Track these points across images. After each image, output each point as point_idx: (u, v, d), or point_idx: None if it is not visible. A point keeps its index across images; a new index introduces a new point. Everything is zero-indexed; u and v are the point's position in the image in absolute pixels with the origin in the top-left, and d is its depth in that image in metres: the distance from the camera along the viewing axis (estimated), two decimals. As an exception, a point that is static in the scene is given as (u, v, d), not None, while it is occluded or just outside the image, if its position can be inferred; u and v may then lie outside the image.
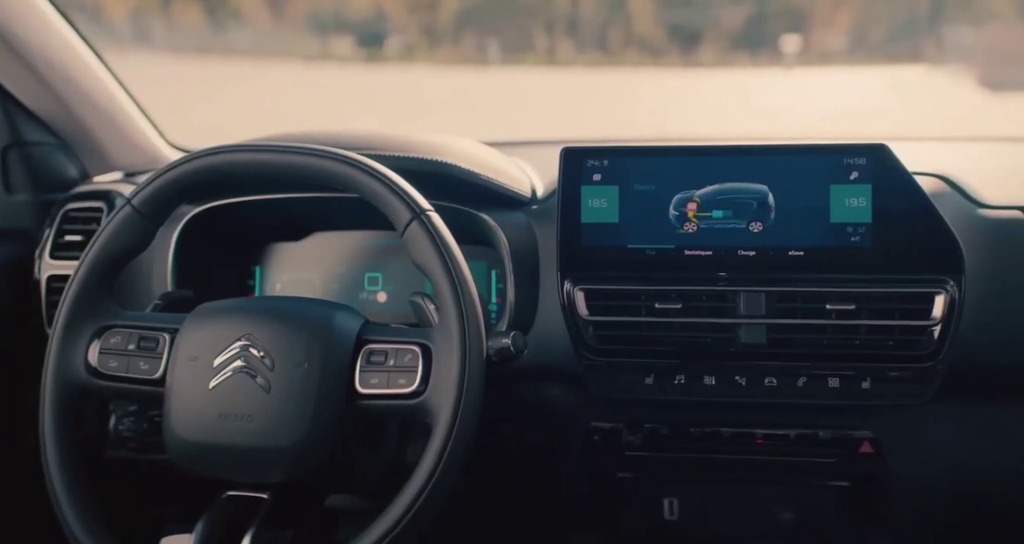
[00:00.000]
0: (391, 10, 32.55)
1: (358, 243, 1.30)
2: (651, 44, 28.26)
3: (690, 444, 1.16)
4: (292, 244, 1.32)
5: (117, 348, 0.95)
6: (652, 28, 28.80)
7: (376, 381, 0.91)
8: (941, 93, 16.94)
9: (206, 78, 17.67)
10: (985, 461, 1.16)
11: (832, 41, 27.81)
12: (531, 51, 27.77)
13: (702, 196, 1.04)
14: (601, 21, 30.44)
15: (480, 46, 28.10)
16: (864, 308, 1.01)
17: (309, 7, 32.63)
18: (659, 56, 27.02)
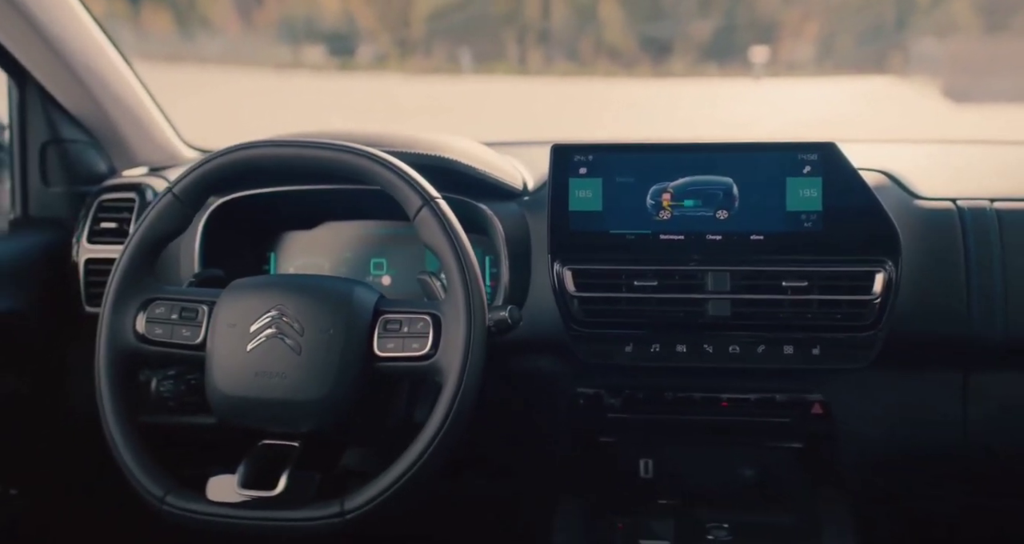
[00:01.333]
0: (363, 19, 32.48)
1: (364, 232, 1.43)
2: (622, 54, 28.40)
3: (664, 407, 1.30)
4: (304, 232, 1.44)
5: (161, 318, 1.08)
6: (623, 38, 28.94)
7: (392, 345, 1.04)
8: (906, 103, 17.22)
9: (176, 84, 17.63)
10: (917, 420, 1.29)
11: (800, 52, 28.10)
12: (503, 60, 27.81)
13: (675, 187, 1.18)
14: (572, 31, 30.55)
15: (452, 55, 28.10)
16: (815, 285, 1.15)
17: (280, 16, 32.49)
18: (630, 66, 27.15)
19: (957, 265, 1.21)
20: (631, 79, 24.50)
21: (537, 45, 30.39)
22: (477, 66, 26.31)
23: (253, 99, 15.15)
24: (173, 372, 1.19)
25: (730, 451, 1.35)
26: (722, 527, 1.24)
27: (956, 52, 21.50)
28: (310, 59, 28.69)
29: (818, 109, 14.47)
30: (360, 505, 0.99)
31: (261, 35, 31.47)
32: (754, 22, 28.31)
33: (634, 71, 26.35)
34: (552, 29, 30.85)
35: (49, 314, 1.37)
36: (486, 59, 27.42)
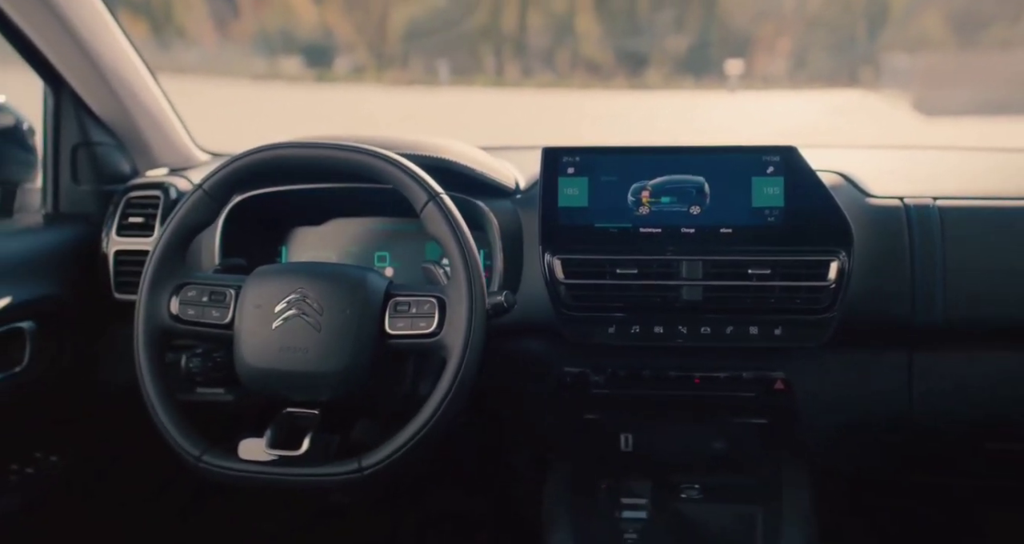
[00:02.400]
0: (340, 31, 32.49)
1: (368, 228, 1.55)
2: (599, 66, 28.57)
3: (643, 384, 1.43)
4: (313, 228, 1.56)
5: (193, 300, 1.19)
6: (599, 51, 29.12)
7: (402, 324, 1.16)
8: (878, 115, 17.49)
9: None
10: (868, 394, 1.42)
11: (774, 66, 28.41)
12: (480, 72, 27.91)
13: (653, 185, 1.32)
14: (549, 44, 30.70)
15: (429, 67, 28.17)
16: (777, 272, 1.29)
17: (256, 27, 32.45)
18: (607, 78, 27.32)
19: (903, 256, 1.35)
20: (608, 91, 24.65)
21: (514, 58, 30.52)
22: (455, 78, 26.39)
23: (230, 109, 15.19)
24: (200, 350, 1.31)
25: (702, 426, 1.47)
26: (693, 487, 1.37)
27: (927, 66, 21.82)
28: (287, 70, 28.67)
29: (791, 121, 14.70)
30: (376, 462, 1.12)
31: (237, 46, 31.40)
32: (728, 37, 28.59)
33: (611, 83, 26.50)
34: (529, 42, 31.00)
35: (82, 299, 1.49)
36: (464, 71, 27.50)
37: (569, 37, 29.75)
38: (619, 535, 1.31)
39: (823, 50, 28.78)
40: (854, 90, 23.12)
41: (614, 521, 1.33)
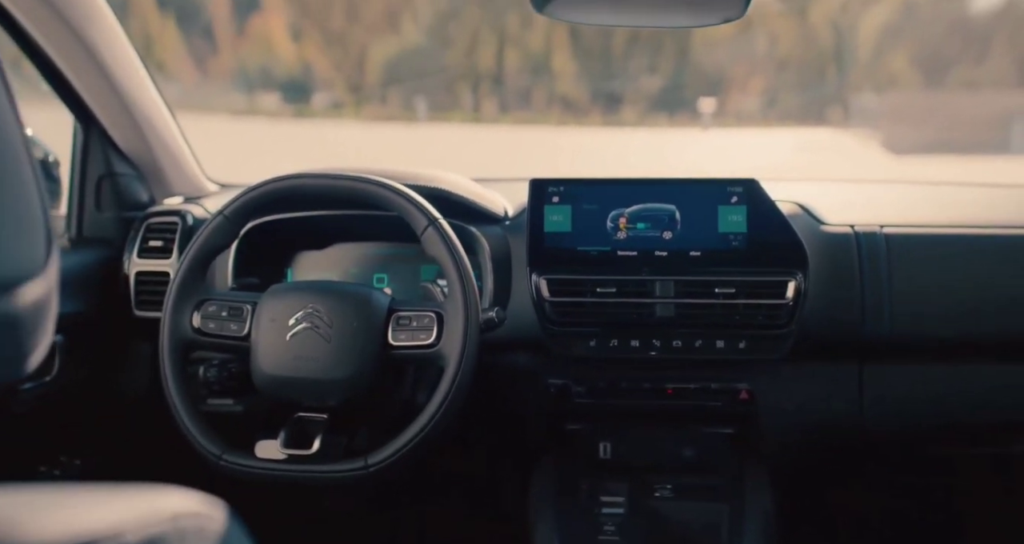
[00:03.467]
0: (319, 68, 32.72)
1: (368, 252, 1.68)
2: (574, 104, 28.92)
3: (621, 394, 1.55)
4: (316, 252, 1.69)
5: (213, 315, 1.32)
6: (575, 89, 29.50)
7: (404, 336, 1.29)
8: (847, 153, 17.86)
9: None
10: (823, 403, 1.55)
11: (746, 104, 28.89)
12: (457, 109, 28.19)
13: (630, 213, 1.47)
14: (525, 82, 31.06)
15: (407, 104, 28.41)
16: (741, 291, 1.43)
17: (235, 64, 32.63)
18: (582, 115, 27.67)
19: (853, 277, 1.50)
20: (584, 128, 24.94)
21: (491, 94, 30.81)
22: (433, 114, 26.64)
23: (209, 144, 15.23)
24: (216, 362, 1.43)
25: (674, 435, 1.60)
26: (666, 487, 1.50)
27: (894, 105, 22.33)
28: (266, 106, 28.83)
29: (763, 159, 14.99)
30: (380, 460, 1.25)
31: (217, 82, 31.57)
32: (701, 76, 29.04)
33: (586, 120, 26.82)
34: (506, 79, 31.35)
35: (105, 315, 1.60)
36: (441, 107, 27.76)
37: (545, 75, 30.10)
38: (599, 528, 1.44)
39: (794, 89, 29.32)
40: (824, 128, 23.55)
41: (594, 516, 1.46)
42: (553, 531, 1.45)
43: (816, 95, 27.98)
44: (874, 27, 30.09)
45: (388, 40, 33.08)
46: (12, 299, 0.45)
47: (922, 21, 31.54)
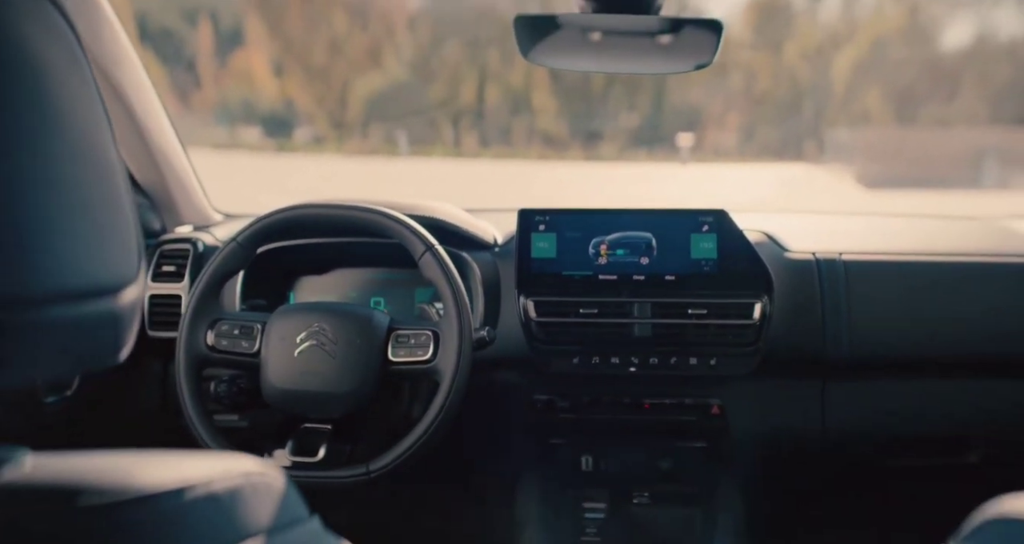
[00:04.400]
0: (300, 102, 32.88)
1: (366, 277, 1.79)
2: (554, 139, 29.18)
3: (602, 408, 1.66)
4: (317, 276, 1.79)
5: (226, 333, 1.43)
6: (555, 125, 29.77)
7: (403, 353, 1.40)
8: (822, 187, 18.14)
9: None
10: (788, 417, 1.66)
11: (723, 139, 29.26)
12: (438, 143, 28.37)
13: (610, 240, 1.59)
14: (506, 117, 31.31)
15: (388, 138, 28.57)
16: (712, 312, 1.55)
17: (218, 98, 32.74)
18: (562, 150, 27.92)
19: (814, 300, 1.62)
20: (563, 162, 25.16)
21: (472, 129, 31.02)
22: (414, 148, 26.79)
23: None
24: (226, 378, 1.54)
25: (651, 450, 1.71)
26: (644, 495, 1.61)
27: (868, 141, 22.67)
28: (247, 140, 28.90)
29: (740, 192, 15.23)
30: (381, 466, 1.36)
31: (199, 116, 31.64)
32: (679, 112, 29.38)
33: (566, 155, 27.05)
34: (487, 115, 31.58)
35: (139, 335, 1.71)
36: (423, 142, 27.93)
37: (526, 111, 30.36)
38: (581, 530, 1.55)
39: (770, 125, 29.71)
40: (800, 163, 23.85)
41: (577, 519, 1.57)
42: (539, 532, 1.56)
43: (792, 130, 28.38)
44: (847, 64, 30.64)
45: (370, 75, 33.33)
46: (117, 300, 0.57)
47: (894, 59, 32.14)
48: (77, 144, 0.53)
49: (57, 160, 0.52)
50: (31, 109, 0.50)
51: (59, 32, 0.54)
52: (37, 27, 0.52)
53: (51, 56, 0.52)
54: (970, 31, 38.63)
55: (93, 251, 0.54)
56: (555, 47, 1.28)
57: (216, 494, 0.55)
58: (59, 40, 0.54)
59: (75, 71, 0.54)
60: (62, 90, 0.52)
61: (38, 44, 0.51)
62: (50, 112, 0.51)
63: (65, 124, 0.52)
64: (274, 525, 0.58)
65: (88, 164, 0.54)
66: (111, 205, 0.56)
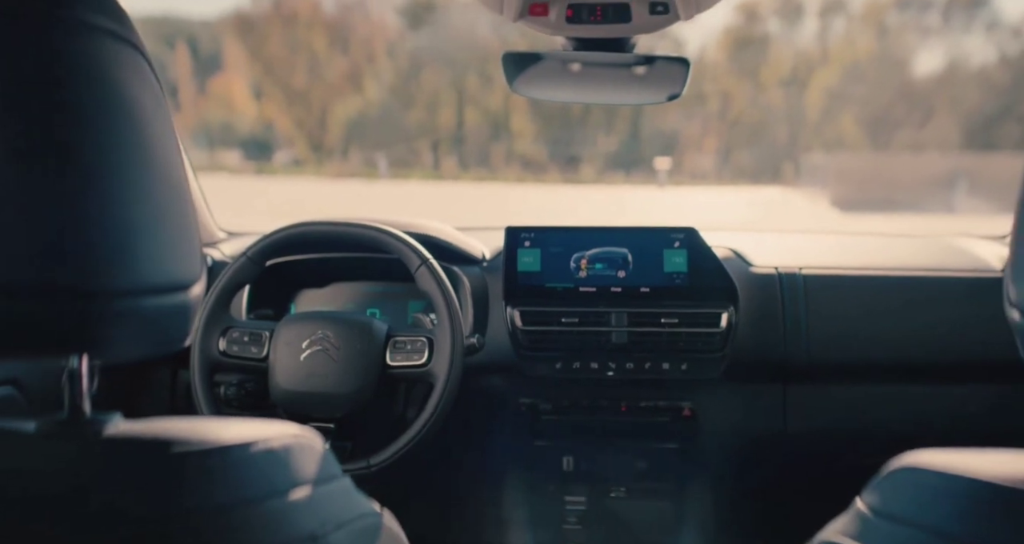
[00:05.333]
0: (280, 125, 32.91)
1: (363, 290, 1.92)
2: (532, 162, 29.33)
3: (582, 411, 1.79)
4: (317, 290, 1.92)
5: (237, 340, 1.57)
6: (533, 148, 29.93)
7: (400, 358, 1.54)
8: (797, 211, 18.36)
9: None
10: (753, 418, 1.80)
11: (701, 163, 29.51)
12: (418, 166, 28.47)
13: (590, 255, 1.73)
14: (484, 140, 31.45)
15: (368, 161, 28.64)
16: (683, 321, 1.69)
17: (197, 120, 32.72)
18: (540, 173, 28.06)
19: (776, 311, 1.77)
20: (542, 185, 25.29)
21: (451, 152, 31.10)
22: (393, 171, 26.87)
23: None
24: (235, 381, 1.66)
25: (627, 451, 1.84)
26: (620, 489, 1.74)
27: (843, 165, 22.99)
28: (227, 163, 28.87)
29: (717, 214, 15.42)
30: (381, 460, 1.48)
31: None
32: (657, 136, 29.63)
33: (545, 178, 27.18)
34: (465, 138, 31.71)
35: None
36: (402, 165, 28.00)
37: (505, 135, 30.51)
38: (564, 519, 1.68)
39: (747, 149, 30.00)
40: (776, 187, 24.09)
41: (559, 510, 1.70)
42: (524, 521, 1.69)
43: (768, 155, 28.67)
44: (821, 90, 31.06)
45: (350, 99, 33.47)
46: (188, 295, 0.70)
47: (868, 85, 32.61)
48: (160, 168, 0.67)
49: (146, 181, 0.65)
50: (128, 140, 0.64)
51: (147, 78, 0.67)
52: (132, 75, 0.65)
53: (141, 97, 0.66)
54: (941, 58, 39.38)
55: (171, 255, 0.67)
56: (539, 79, 1.43)
57: (273, 449, 0.69)
58: (147, 85, 0.67)
59: (158, 108, 0.68)
60: (149, 124, 0.66)
61: (133, 89, 0.65)
62: (142, 143, 0.65)
63: (152, 152, 0.66)
64: (316, 478, 0.71)
65: (168, 184, 0.68)
66: (184, 217, 0.70)
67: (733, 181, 26.89)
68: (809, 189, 22.18)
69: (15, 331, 0.61)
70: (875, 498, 0.71)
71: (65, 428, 0.66)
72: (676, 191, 23.16)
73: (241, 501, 0.64)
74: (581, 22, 1.26)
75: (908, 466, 0.70)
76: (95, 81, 0.62)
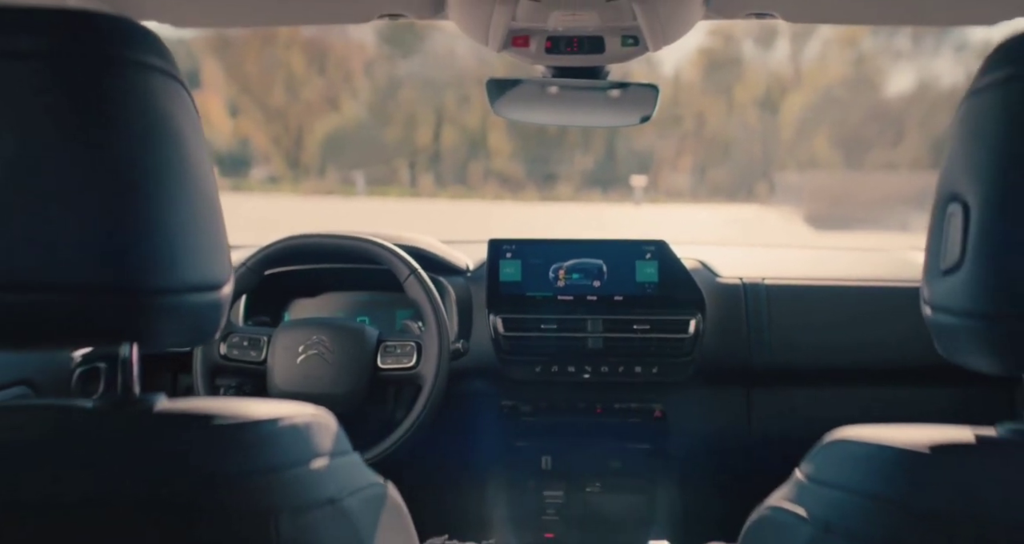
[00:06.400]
0: (256, 142, 32.92)
1: (352, 299, 2.01)
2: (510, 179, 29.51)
3: (560, 412, 1.89)
4: (309, 299, 2.01)
5: (237, 344, 1.67)
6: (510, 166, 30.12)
7: (390, 361, 1.65)
8: (771, 229, 18.57)
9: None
10: (719, 419, 1.91)
11: (676, 181, 29.79)
12: (395, 183, 28.58)
13: (567, 266, 1.85)
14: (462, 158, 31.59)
15: (345, 178, 28.72)
16: (654, 327, 1.80)
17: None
18: (517, 190, 28.23)
19: (740, 318, 1.88)
20: (519, 203, 25.42)
21: (428, 169, 31.22)
22: (371, 188, 26.94)
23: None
24: (235, 384, 1.76)
25: (602, 452, 1.92)
26: (595, 485, 1.85)
27: (817, 184, 23.29)
28: (204, 178, 28.70)
29: (692, 232, 15.60)
30: (374, 455, 1.59)
31: (155, 154, 31.34)
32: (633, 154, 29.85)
33: (522, 195, 27.34)
34: (443, 155, 31.83)
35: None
36: (379, 182, 28.08)
37: (482, 152, 30.63)
38: (543, 511, 1.80)
39: (722, 167, 30.29)
40: (751, 205, 24.33)
41: (539, 503, 1.81)
42: (506, 513, 1.80)
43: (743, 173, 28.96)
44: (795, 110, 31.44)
45: (327, 116, 33.52)
46: (219, 293, 0.81)
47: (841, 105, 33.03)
48: (197, 183, 0.78)
49: (185, 195, 0.76)
50: (171, 161, 0.75)
51: (186, 106, 0.78)
52: (175, 105, 0.76)
53: (182, 124, 0.77)
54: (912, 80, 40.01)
55: (206, 259, 0.78)
56: (520, 103, 1.56)
57: (296, 425, 0.80)
58: (186, 112, 0.78)
59: (195, 132, 0.79)
60: (188, 146, 0.77)
61: (176, 117, 0.76)
62: (182, 162, 0.76)
63: (190, 170, 0.77)
64: (332, 451, 0.82)
65: (203, 197, 0.79)
66: (216, 226, 0.81)
67: (708, 199, 27.15)
68: (783, 207, 22.43)
69: (76, 323, 0.72)
70: (810, 467, 0.82)
71: (119, 405, 0.77)
72: (652, 208, 23.33)
73: (270, 467, 0.74)
74: (559, 52, 1.38)
75: (838, 439, 0.82)
76: (145, 111, 0.73)
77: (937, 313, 0.77)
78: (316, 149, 31.87)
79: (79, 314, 0.71)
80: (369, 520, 0.81)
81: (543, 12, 1.29)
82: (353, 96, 34.04)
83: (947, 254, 0.73)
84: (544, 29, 1.36)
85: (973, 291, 0.70)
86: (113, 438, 0.73)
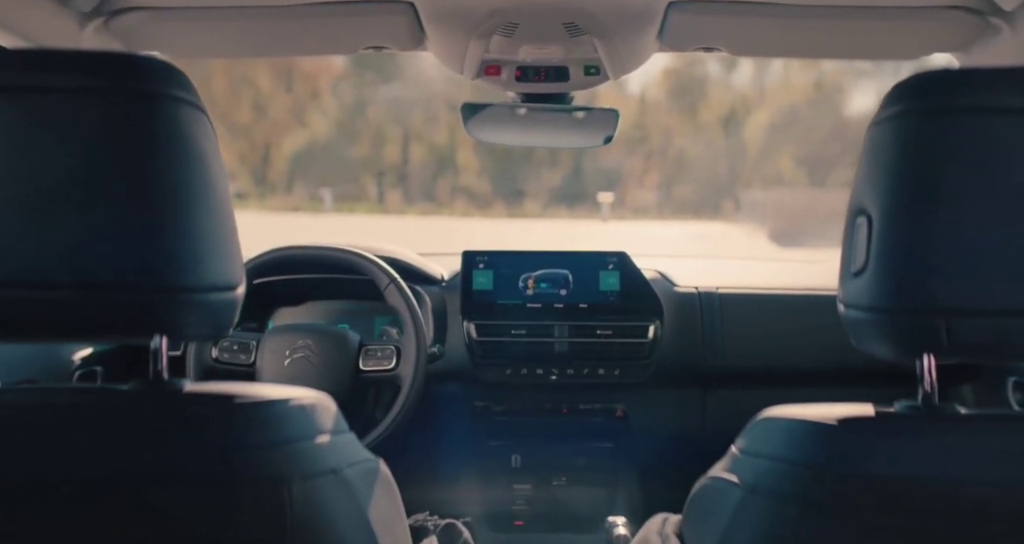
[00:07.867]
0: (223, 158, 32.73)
1: (334, 307, 2.12)
2: (477, 196, 29.61)
3: (529, 412, 2.01)
4: (293, 307, 2.12)
5: (227, 348, 1.78)
6: (478, 182, 30.24)
7: (371, 363, 1.76)
8: (736, 246, 18.80)
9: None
10: (677, 419, 2.03)
11: (643, 198, 30.04)
12: (363, 200, 28.59)
13: (536, 276, 1.98)
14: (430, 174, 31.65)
15: (312, 195, 28.70)
16: (616, 333, 1.93)
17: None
18: (485, 206, 28.35)
19: (696, 324, 2.01)
20: (487, 219, 25.49)
21: (396, 186, 31.23)
22: (338, 205, 26.91)
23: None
24: None
25: (568, 449, 2.04)
26: (562, 479, 1.98)
27: (781, 201, 23.60)
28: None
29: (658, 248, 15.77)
30: None
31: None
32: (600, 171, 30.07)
33: (490, 212, 27.42)
34: (411, 172, 31.87)
35: (132, 352, 2.00)
36: (347, 198, 28.06)
37: (450, 169, 30.70)
38: (513, 501, 1.93)
39: (687, 184, 30.57)
40: (716, 222, 24.58)
41: (508, 494, 1.95)
42: (478, 502, 1.93)
43: (709, 190, 29.27)
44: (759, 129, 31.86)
45: (295, 133, 33.47)
46: (234, 293, 0.93)
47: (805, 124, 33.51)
48: (216, 198, 0.90)
49: (207, 208, 0.88)
50: (195, 179, 0.87)
51: (208, 131, 0.91)
52: (199, 131, 0.89)
53: (205, 147, 0.89)
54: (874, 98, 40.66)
55: (223, 262, 0.91)
56: (492, 125, 1.70)
57: (303, 405, 0.92)
58: (208, 136, 0.91)
59: (215, 154, 0.91)
60: (209, 166, 0.89)
61: (200, 142, 0.88)
62: (204, 180, 0.88)
63: (211, 187, 0.89)
64: (333, 429, 0.94)
65: (221, 209, 0.91)
66: (231, 234, 0.93)
67: (674, 215, 27.38)
68: (748, 224, 22.67)
69: (112, 318, 0.84)
70: (743, 442, 0.96)
71: (152, 388, 0.89)
72: (618, 224, 23.50)
73: (283, 440, 0.87)
74: (528, 81, 1.53)
75: (765, 417, 0.96)
76: (175, 137, 0.85)
77: (849, 309, 0.92)
78: (283, 166, 31.81)
79: (119, 309, 0.83)
80: (366, 489, 0.94)
81: (514, 45, 1.44)
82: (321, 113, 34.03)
83: (856, 259, 0.88)
84: (515, 60, 1.51)
85: (875, 290, 0.85)
86: (145, 415, 0.85)
